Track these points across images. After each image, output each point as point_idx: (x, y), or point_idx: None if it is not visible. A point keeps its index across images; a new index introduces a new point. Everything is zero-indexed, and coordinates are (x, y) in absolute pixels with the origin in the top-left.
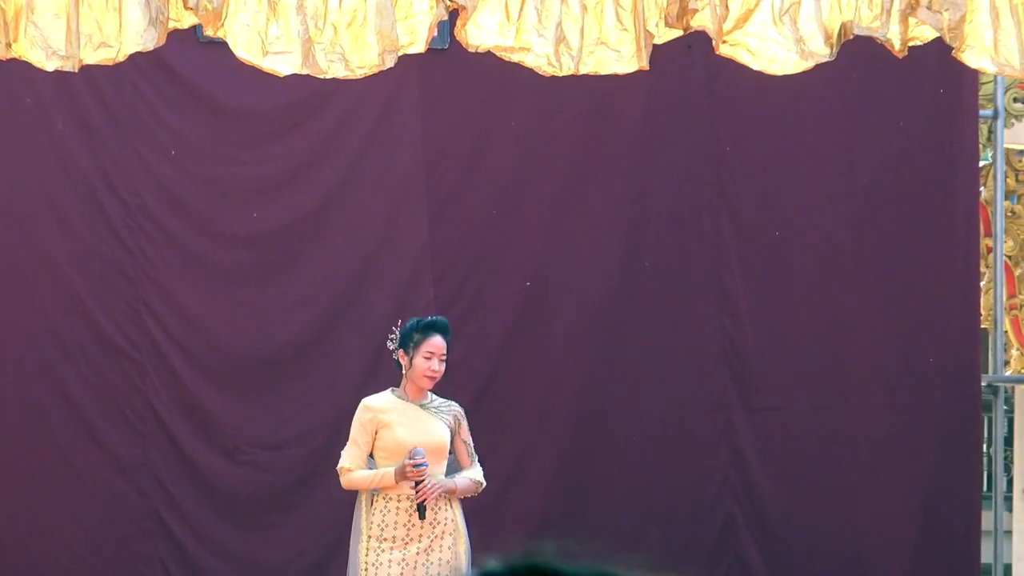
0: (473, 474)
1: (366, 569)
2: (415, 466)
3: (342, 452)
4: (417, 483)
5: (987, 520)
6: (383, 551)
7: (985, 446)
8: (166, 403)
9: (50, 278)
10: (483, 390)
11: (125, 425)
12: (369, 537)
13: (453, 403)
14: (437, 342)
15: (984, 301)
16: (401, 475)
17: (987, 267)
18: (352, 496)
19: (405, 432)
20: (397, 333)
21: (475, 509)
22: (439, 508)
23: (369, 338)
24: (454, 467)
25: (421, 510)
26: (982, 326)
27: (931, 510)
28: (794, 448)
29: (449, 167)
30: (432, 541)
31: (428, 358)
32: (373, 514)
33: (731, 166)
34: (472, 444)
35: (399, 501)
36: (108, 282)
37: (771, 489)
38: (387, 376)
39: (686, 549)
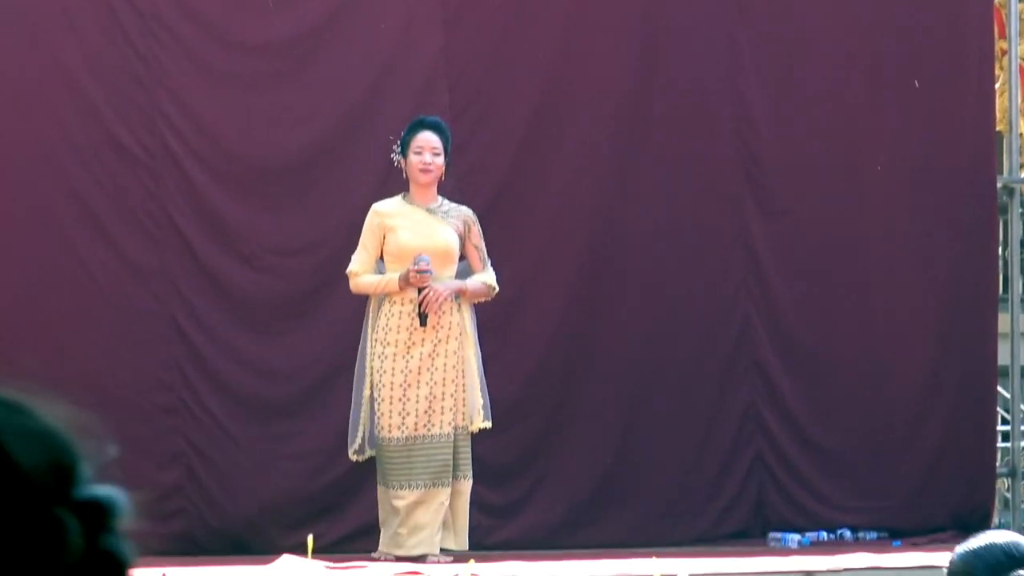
0: (485, 277)
1: (374, 373)
2: (418, 272)
3: (352, 256)
4: (420, 290)
5: (1003, 322)
6: (387, 357)
7: (1000, 248)
8: (182, 210)
9: (65, 87)
10: (498, 195)
11: (141, 232)
12: (375, 342)
13: (464, 207)
14: (425, 136)
15: (999, 104)
16: (405, 281)
17: (1001, 69)
18: (366, 301)
19: (410, 236)
20: (399, 144)
21: (492, 313)
22: (443, 312)
23: (383, 144)
24: (466, 273)
25: (422, 317)
26: (997, 128)
27: (947, 312)
28: (809, 250)
29: None
30: (436, 345)
31: (419, 152)
32: (379, 318)
33: None
34: (484, 249)
35: (403, 305)
36: (123, 90)
37: (787, 290)
38: (401, 182)
39: (703, 351)
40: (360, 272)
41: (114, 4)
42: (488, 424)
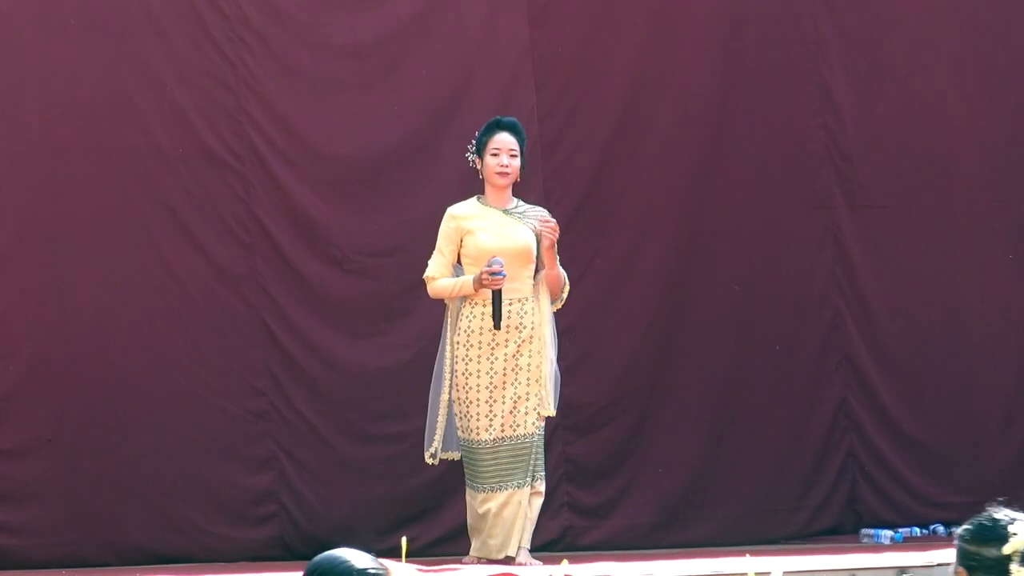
0: (559, 272)
1: (455, 377)
2: (491, 275)
3: (428, 261)
4: (494, 293)
5: None
6: (470, 360)
7: None
8: (271, 213)
9: (152, 92)
10: (586, 195)
11: (230, 237)
12: (457, 344)
13: (539, 208)
14: (502, 138)
15: None
16: (479, 283)
17: None
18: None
19: (487, 237)
20: (473, 144)
21: (581, 314)
22: (525, 312)
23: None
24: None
25: (496, 319)
26: None
27: None
28: (899, 244)
29: None
30: (520, 346)
31: (496, 155)
32: (460, 321)
33: None
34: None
35: (484, 307)
36: (210, 95)
37: (877, 285)
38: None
39: (793, 348)
40: (437, 276)
41: (200, 8)
42: (552, 412)
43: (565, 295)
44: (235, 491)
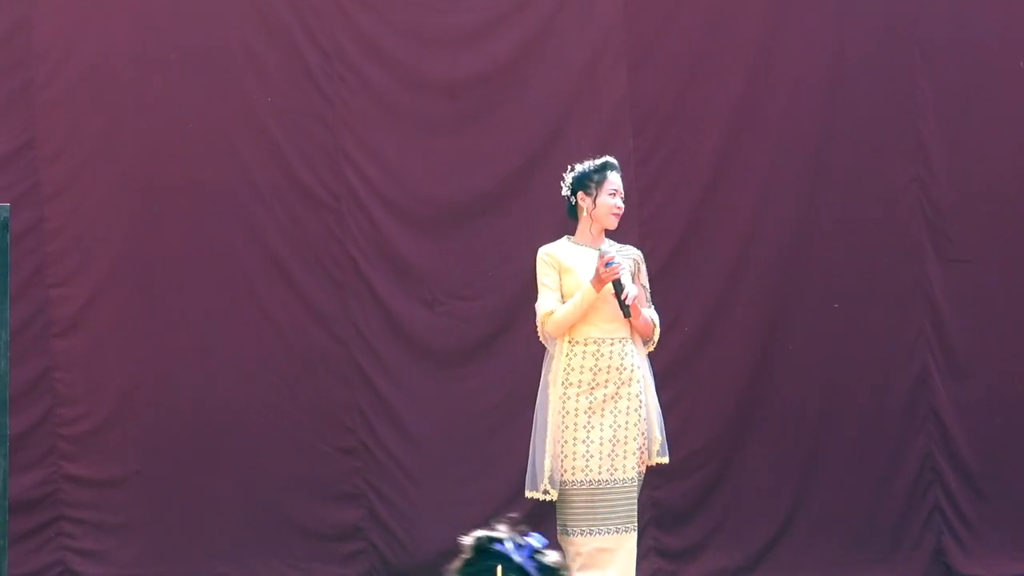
0: (651, 314)
1: (556, 414)
2: (606, 265)
3: (536, 305)
4: (615, 284)
5: None
6: (569, 397)
7: None
8: (365, 252)
9: (248, 128)
10: (681, 239)
11: (323, 275)
12: (556, 383)
13: (631, 247)
14: (617, 179)
15: None
16: (598, 280)
17: None
18: (542, 347)
19: (588, 275)
20: (568, 179)
21: (674, 357)
22: (625, 353)
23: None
24: None
25: (624, 309)
26: None
27: None
28: (989, 298)
29: (650, 14)
30: (619, 387)
31: (613, 195)
32: (562, 360)
33: (930, 19)
34: (649, 289)
35: (586, 345)
36: (306, 132)
37: (965, 339)
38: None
39: (880, 401)
40: (554, 309)
41: (299, 44)
42: (665, 460)
43: (656, 338)
44: (324, 526)
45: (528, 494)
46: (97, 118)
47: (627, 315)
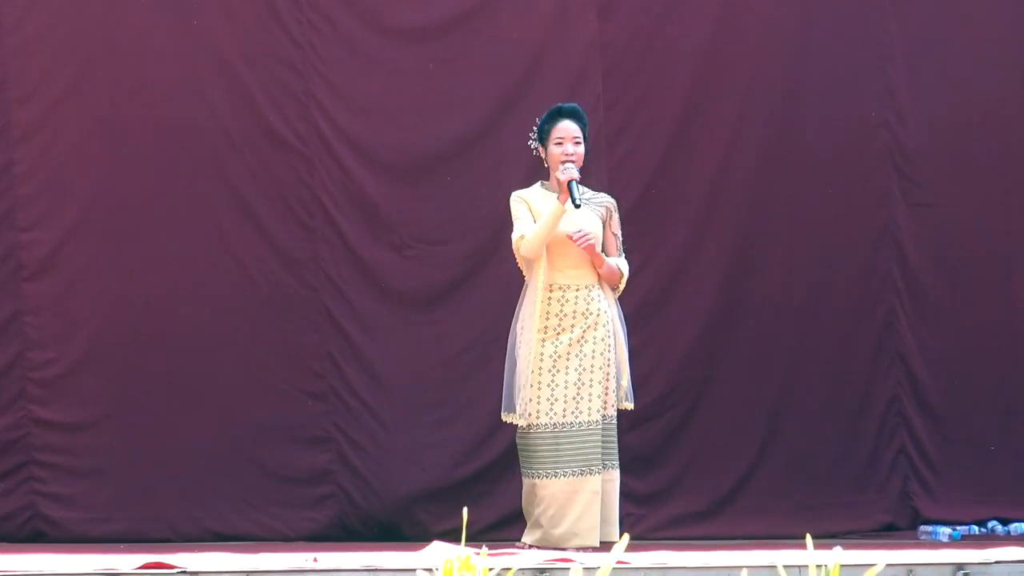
0: (619, 262)
1: (520, 357)
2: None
3: (512, 234)
4: (568, 184)
5: None
6: (535, 342)
7: None
8: (334, 197)
9: (219, 73)
10: (650, 184)
11: (293, 220)
12: (522, 328)
13: (604, 195)
14: (566, 126)
15: None
16: (562, 192)
17: None
18: (515, 291)
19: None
20: (535, 131)
21: (642, 302)
22: (591, 299)
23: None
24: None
25: (575, 200)
26: None
27: None
28: (956, 243)
29: None
30: (585, 331)
31: (560, 143)
32: (524, 306)
33: None
34: (621, 237)
35: (551, 291)
36: (276, 77)
37: (932, 284)
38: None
39: (847, 344)
40: (527, 233)
41: None
42: (630, 406)
43: (623, 286)
44: (293, 471)
45: (504, 416)
46: (67, 61)
47: (577, 205)
